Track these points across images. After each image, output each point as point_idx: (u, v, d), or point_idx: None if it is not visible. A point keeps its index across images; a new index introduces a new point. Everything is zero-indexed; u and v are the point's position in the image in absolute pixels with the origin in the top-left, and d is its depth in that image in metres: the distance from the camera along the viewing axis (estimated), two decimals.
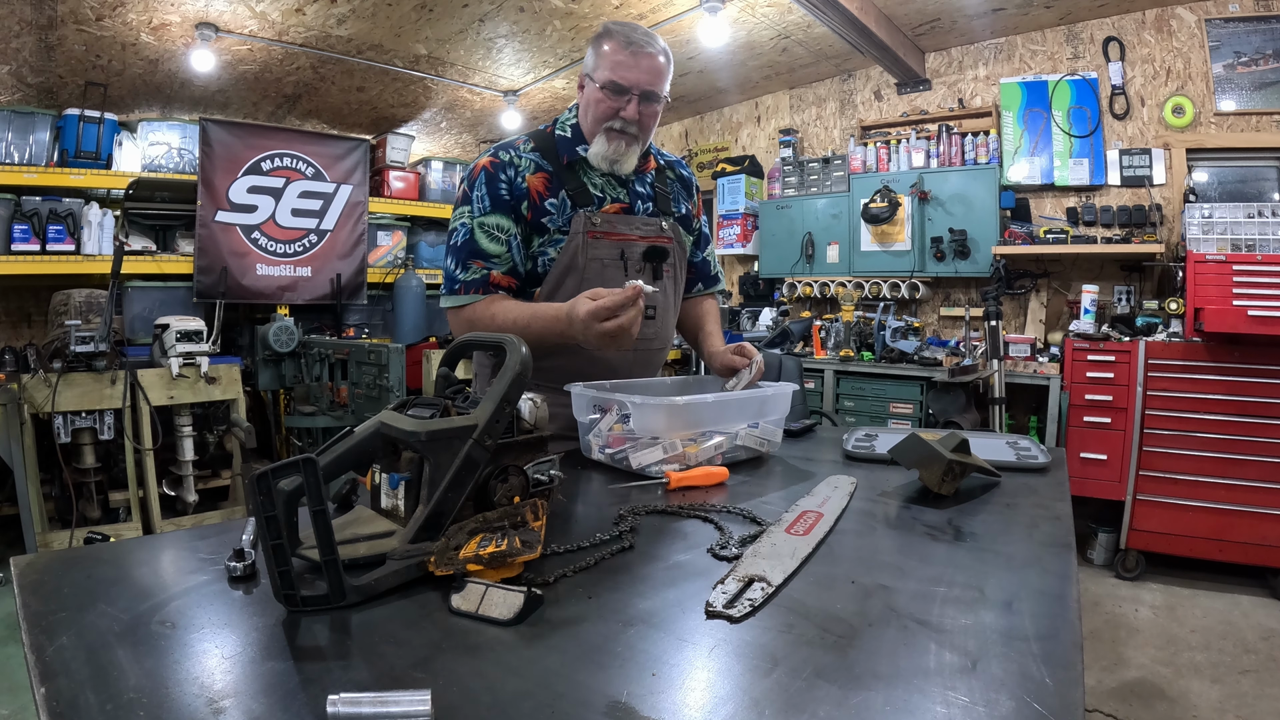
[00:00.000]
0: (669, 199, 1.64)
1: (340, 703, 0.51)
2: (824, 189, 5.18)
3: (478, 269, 1.46)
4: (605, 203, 1.53)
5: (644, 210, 1.58)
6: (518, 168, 1.46)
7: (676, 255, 1.62)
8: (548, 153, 1.50)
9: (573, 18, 4.30)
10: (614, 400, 1.28)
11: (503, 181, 1.45)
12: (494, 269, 1.46)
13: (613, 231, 1.51)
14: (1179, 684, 2.50)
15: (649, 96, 1.45)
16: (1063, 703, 0.56)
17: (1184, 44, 3.99)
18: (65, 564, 0.84)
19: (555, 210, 1.48)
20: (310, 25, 4.25)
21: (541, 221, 1.47)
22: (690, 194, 1.72)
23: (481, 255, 1.46)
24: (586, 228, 1.47)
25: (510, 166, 1.46)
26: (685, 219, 1.67)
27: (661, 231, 1.58)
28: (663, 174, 1.65)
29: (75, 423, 3.40)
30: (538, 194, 1.47)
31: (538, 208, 1.47)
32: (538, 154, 1.49)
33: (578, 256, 1.47)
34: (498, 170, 1.46)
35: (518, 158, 1.48)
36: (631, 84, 1.43)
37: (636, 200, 1.57)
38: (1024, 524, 1.02)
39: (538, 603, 0.72)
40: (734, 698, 0.57)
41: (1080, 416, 3.65)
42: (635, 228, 1.55)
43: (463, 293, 1.47)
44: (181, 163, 4.58)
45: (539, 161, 1.49)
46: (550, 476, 0.98)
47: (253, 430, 3.81)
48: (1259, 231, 3.52)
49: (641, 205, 1.58)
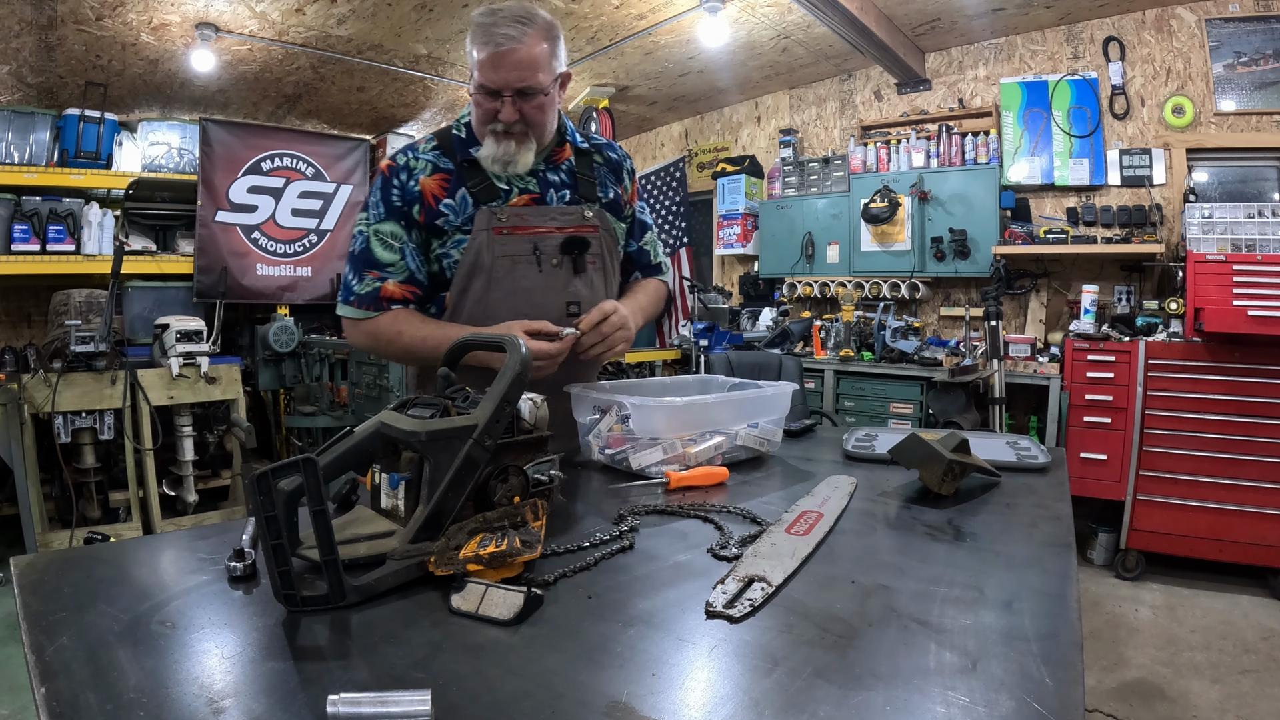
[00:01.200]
0: (593, 184, 1.52)
1: (340, 703, 0.51)
2: (824, 189, 5.18)
3: (372, 280, 1.39)
4: (513, 195, 1.43)
5: (559, 200, 1.47)
6: (412, 170, 1.39)
7: (604, 245, 1.51)
8: (449, 151, 1.41)
9: (573, 18, 4.30)
10: (614, 401, 1.28)
11: (395, 187, 1.39)
12: (389, 278, 1.40)
13: (522, 225, 1.41)
14: (1179, 684, 2.50)
15: (525, 93, 1.32)
16: (1063, 703, 0.55)
17: (1184, 44, 3.99)
18: (65, 564, 0.84)
19: (452, 210, 1.39)
20: (310, 25, 4.25)
21: (436, 224, 1.39)
22: (621, 177, 1.59)
23: (376, 265, 1.39)
24: (491, 224, 1.38)
25: (404, 170, 1.39)
26: (614, 204, 1.55)
27: (583, 220, 1.47)
28: (586, 158, 1.53)
29: (75, 423, 3.40)
30: (432, 196, 1.39)
31: (431, 210, 1.38)
32: (438, 153, 1.41)
33: (483, 255, 1.38)
34: (392, 175, 1.39)
35: (414, 160, 1.40)
36: (500, 85, 1.30)
37: (549, 190, 1.46)
38: (1024, 524, 1.02)
39: (538, 603, 0.72)
40: (734, 698, 0.57)
41: (1080, 416, 3.65)
42: (550, 219, 1.44)
43: (356, 305, 1.41)
44: (181, 163, 4.59)
45: (437, 162, 1.40)
46: (550, 476, 0.98)
47: (253, 430, 3.81)
48: (1259, 231, 3.52)
49: (556, 194, 1.47)
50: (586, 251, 1.46)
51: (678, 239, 6.06)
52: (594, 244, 1.48)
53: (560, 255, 1.43)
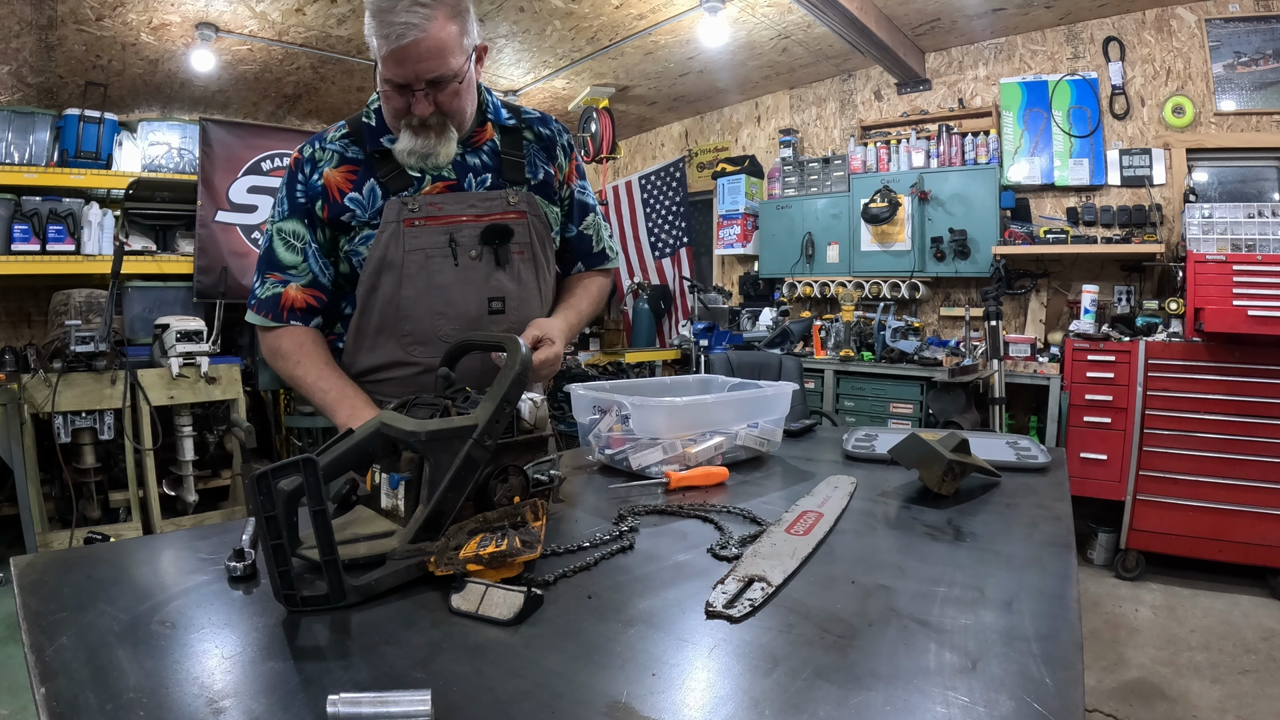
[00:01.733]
0: (520, 165, 1.38)
1: (340, 703, 0.51)
2: (824, 189, 5.18)
3: (274, 283, 1.31)
4: (426, 183, 1.31)
5: (479, 184, 1.34)
6: (316, 163, 1.29)
7: (533, 232, 1.38)
8: (359, 139, 1.31)
9: (573, 18, 4.30)
10: (614, 401, 1.28)
11: (299, 182, 1.29)
12: (291, 281, 1.31)
13: (437, 215, 1.29)
14: (1179, 684, 2.50)
15: (437, 82, 1.20)
16: (1063, 703, 0.55)
17: (1184, 44, 3.99)
18: (65, 564, 0.84)
19: (359, 205, 1.29)
20: (310, 25, 4.24)
21: (341, 219, 1.29)
22: (555, 154, 1.44)
23: (278, 266, 1.31)
24: (401, 215, 1.27)
25: (309, 163, 1.30)
26: (545, 185, 1.41)
27: (508, 206, 1.34)
28: (513, 136, 1.39)
29: (75, 423, 3.40)
30: (337, 189, 1.29)
31: (336, 205, 1.28)
32: (346, 141, 1.31)
33: (391, 249, 1.27)
34: (298, 169, 1.30)
35: (321, 151, 1.30)
36: (409, 80, 1.18)
37: (467, 174, 1.33)
38: (1024, 524, 1.02)
39: (538, 603, 0.72)
40: (734, 698, 0.57)
41: (1080, 416, 3.65)
42: (469, 206, 1.31)
43: (257, 311, 1.33)
44: (181, 163, 4.58)
45: (344, 152, 1.30)
46: (550, 476, 0.99)
47: (253, 430, 3.80)
48: (1259, 231, 3.52)
49: (475, 179, 1.34)
50: (510, 241, 1.33)
51: (678, 239, 6.07)
52: (519, 232, 1.35)
53: (480, 246, 1.31)
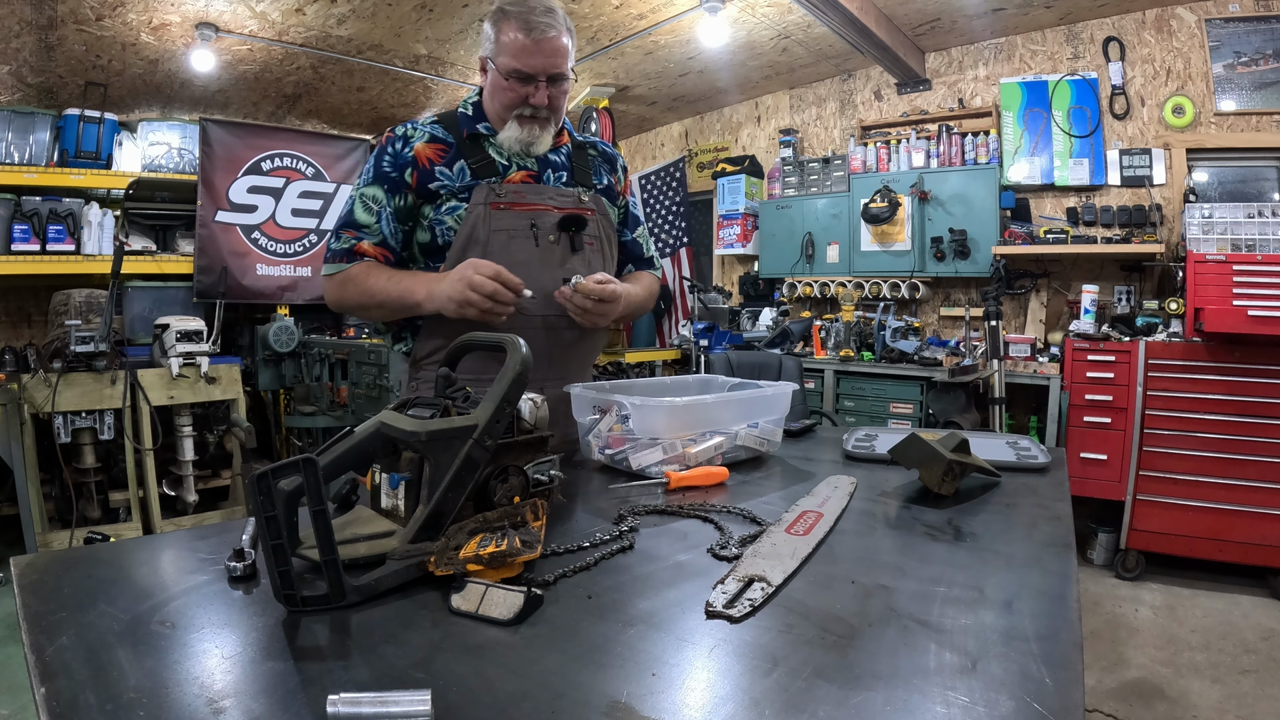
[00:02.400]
0: (588, 171, 1.57)
1: (340, 703, 0.51)
2: (824, 189, 5.18)
3: (348, 238, 1.43)
4: (511, 171, 1.46)
5: (556, 180, 1.51)
6: (408, 139, 1.43)
7: (601, 228, 1.54)
8: (450, 127, 1.46)
9: (573, 18, 4.27)
10: (614, 401, 1.28)
11: (389, 154, 1.43)
12: (364, 239, 1.43)
13: (520, 202, 1.44)
14: (1179, 684, 2.50)
15: (556, 79, 1.41)
16: (1063, 703, 0.55)
17: (1184, 44, 3.99)
18: (65, 564, 0.84)
19: (447, 178, 1.42)
20: (310, 25, 4.25)
21: (429, 187, 1.42)
22: (614, 168, 1.64)
23: (354, 225, 1.43)
24: (489, 199, 1.41)
25: (401, 139, 1.44)
26: (608, 190, 1.60)
27: (580, 203, 1.51)
28: (581, 149, 1.59)
29: (75, 423, 3.40)
30: (427, 159, 1.42)
31: (425, 172, 1.42)
32: (438, 126, 1.45)
33: (478, 228, 1.40)
34: (389, 143, 1.44)
35: (413, 130, 1.45)
36: (537, 70, 1.38)
37: (547, 169, 1.50)
38: (1024, 524, 1.02)
39: (538, 603, 0.72)
40: (734, 698, 0.57)
41: (1080, 416, 3.65)
42: (548, 197, 1.47)
43: (331, 261, 1.45)
44: (181, 163, 4.59)
45: (435, 133, 1.44)
46: (550, 476, 0.98)
47: (253, 430, 3.81)
48: (1259, 231, 3.52)
49: (553, 175, 1.51)
50: (584, 230, 1.48)
51: (678, 239, 6.06)
52: (591, 225, 1.50)
53: (557, 232, 1.45)
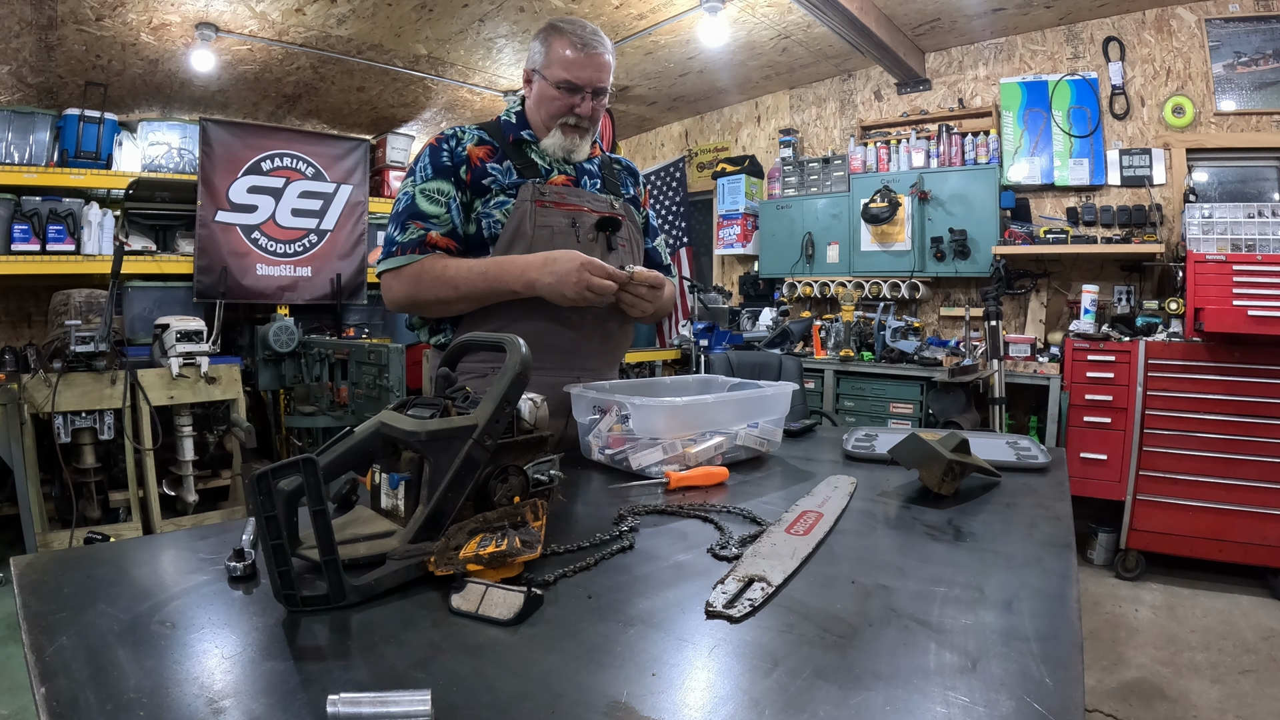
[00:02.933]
0: (616, 182, 1.69)
1: (340, 703, 0.51)
2: (824, 189, 5.18)
3: (416, 229, 1.47)
4: (553, 174, 1.57)
5: (592, 187, 1.62)
6: (460, 139, 1.52)
7: (631, 233, 1.65)
8: (494, 134, 1.55)
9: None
10: (614, 401, 1.28)
11: (444, 151, 1.50)
12: (433, 229, 1.48)
13: (563, 202, 1.53)
14: (1179, 684, 2.50)
15: (599, 92, 1.53)
16: (1063, 703, 0.55)
17: (1184, 44, 3.99)
18: (65, 564, 0.84)
19: (498, 174, 1.51)
20: (310, 25, 4.25)
21: (482, 183, 1.50)
22: (637, 182, 1.77)
23: (421, 216, 1.47)
24: (535, 196, 1.50)
25: (453, 138, 1.52)
26: (634, 200, 1.72)
27: (612, 208, 1.61)
28: (609, 163, 1.71)
29: (75, 423, 3.40)
30: (479, 159, 1.51)
31: (478, 170, 1.50)
32: (483, 132, 1.55)
33: (525, 223, 1.48)
34: (441, 143, 1.51)
35: (461, 133, 1.53)
36: (586, 83, 1.50)
37: (583, 176, 1.61)
38: (1024, 524, 1.02)
39: (538, 603, 0.72)
40: (734, 698, 0.57)
41: (1080, 416, 3.65)
42: (586, 200, 1.57)
43: (400, 254, 1.48)
44: (181, 163, 4.58)
45: (483, 137, 1.54)
46: (550, 476, 0.98)
47: (253, 430, 3.80)
48: (1259, 231, 3.52)
49: (589, 181, 1.62)
50: (619, 231, 1.58)
51: (678, 239, 6.06)
52: (624, 228, 1.61)
53: (596, 232, 1.55)
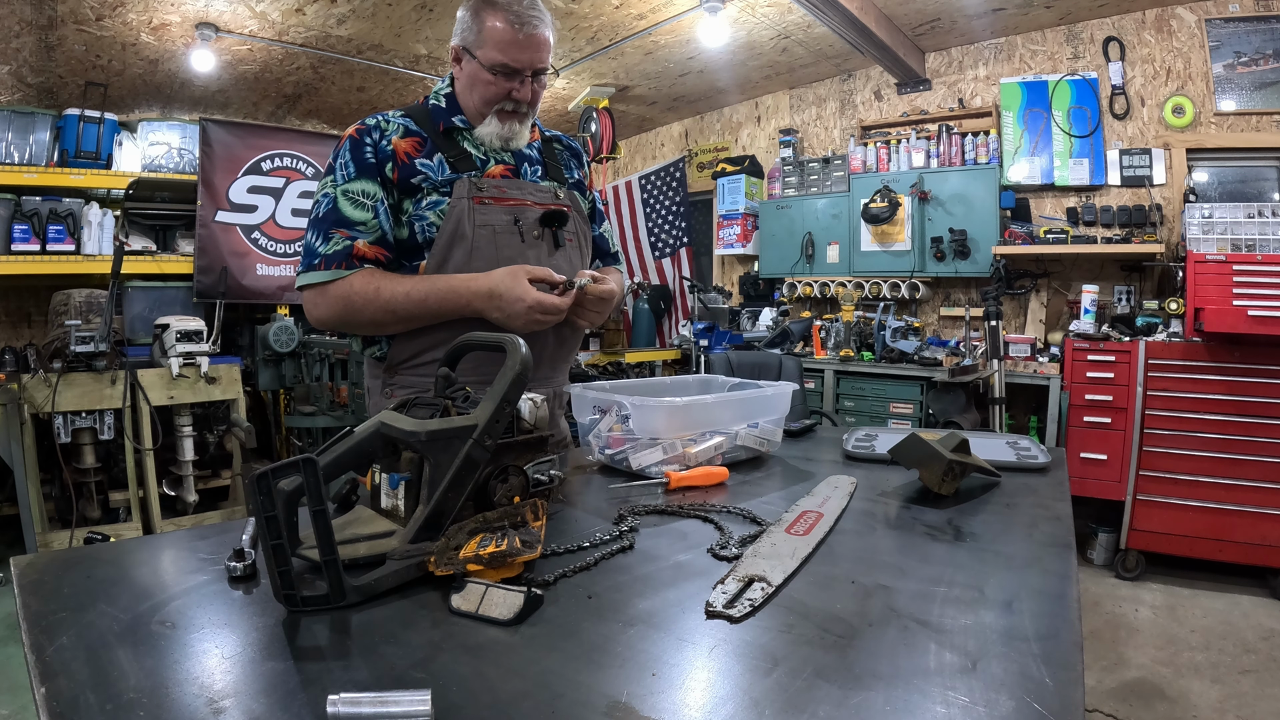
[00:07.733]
0: (559, 166, 1.54)
1: (340, 703, 0.51)
2: (824, 189, 5.18)
3: (341, 239, 1.30)
4: (489, 165, 1.42)
5: (532, 175, 1.48)
6: (384, 131, 1.35)
7: (578, 224, 1.52)
8: (421, 121, 1.39)
9: (573, 18, 4.30)
10: (614, 401, 1.28)
11: (368, 145, 1.33)
12: (359, 238, 1.31)
13: (503, 196, 1.39)
14: (1179, 684, 2.50)
15: (538, 74, 1.39)
16: (1063, 703, 0.55)
17: (1184, 44, 3.99)
18: (65, 564, 0.84)
19: (430, 170, 1.35)
20: (310, 25, 4.25)
21: (411, 181, 1.33)
22: (582, 163, 1.62)
23: (345, 224, 1.30)
24: (472, 193, 1.35)
25: (376, 130, 1.35)
26: (579, 185, 1.59)
27: (556, 199, 1.47)
28: (549, 144, 1.56)
29: (75, 423, 3.40)
30: (406, 154, 1.34)
31: (406, 167, 1.34)
32: (410, 120, 1.38)
33: (463, 224, 1.33)
34: (363, 136, 1.34)
35: (385, 123, 1.36)
36: (525, 65, 1.35)
37: (523, 164, 1.47)
38: (1024, 524, 1.02)
39: (538, 603, 0.72)
40: (734, 698, 0.57)
41: (1080, 416, 3.65)
42: (528, 193, 1.43)
43: (323, 267, 1.29)
44: (181, 163, 4.58)
45: (410, 126, 1.37)
46: (550, 476, 0.98)
47: (253, 430, 3.81)
48: (1259, 231, 3.52)
49: (530, 169, 1.48)
50: (565, 226, 1.45)
51: (678, 239, 6.06)
52: (570, 220, 1.47)
53: (540, 228, 1.41)
